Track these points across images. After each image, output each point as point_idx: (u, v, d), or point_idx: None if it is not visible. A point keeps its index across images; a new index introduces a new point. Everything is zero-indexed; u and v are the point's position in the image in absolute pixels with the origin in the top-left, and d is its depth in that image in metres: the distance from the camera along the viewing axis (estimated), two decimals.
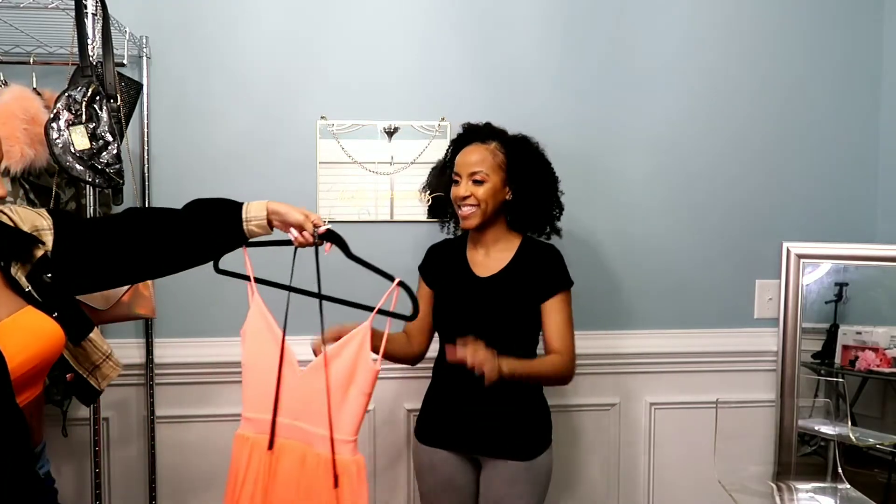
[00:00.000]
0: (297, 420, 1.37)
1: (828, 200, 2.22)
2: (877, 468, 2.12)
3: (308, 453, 1.36)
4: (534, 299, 1.65)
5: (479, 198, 1.62)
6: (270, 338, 1.37)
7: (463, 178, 1.64)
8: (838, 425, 2.12)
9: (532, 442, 1.65)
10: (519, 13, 2.09)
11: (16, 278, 1.15)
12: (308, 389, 1.36)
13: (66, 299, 1.24)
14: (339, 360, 1.35)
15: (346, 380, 1.34)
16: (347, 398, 1.34)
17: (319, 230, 1.30)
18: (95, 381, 1.38)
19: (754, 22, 2.17)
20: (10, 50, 1.86)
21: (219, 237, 1.30)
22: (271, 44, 2.02)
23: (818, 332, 2.18)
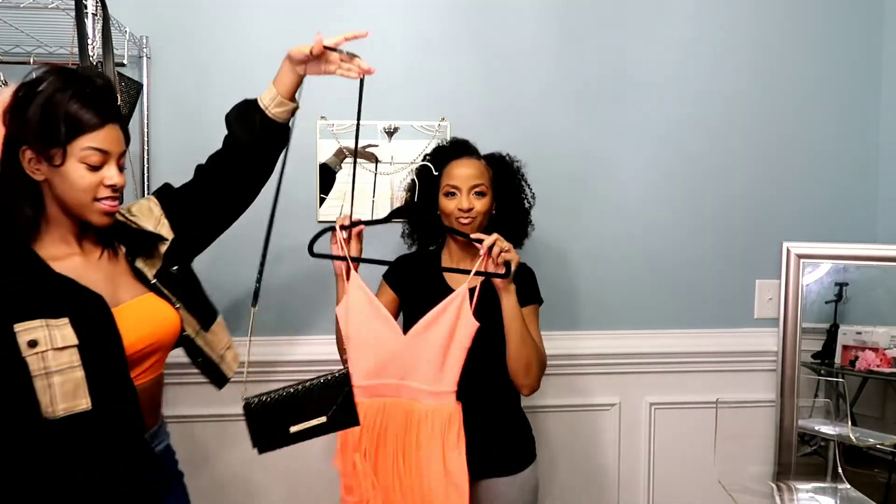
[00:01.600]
0: (403, 380, 1.54)
1: (828, 200, 2.22)
2: (877, 468, 2.12)
3: (415, 408, 1.52)
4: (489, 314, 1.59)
5: (478, 211, 1.62)
6: (371, 310, 1.54)
7: (463, 190, 1.62)
8: (838, 425, 2.12)
9: (516, 456, 1.64)
10: (519, 14, 2.09)
11: (141, 270, 1.29)
12: (412, 352, 1.53)
13: (192, 288, 1.38)
14: (440, 323, 1.52)
15: (447, 338, 1.51)
16: (449, 354, 1.51)
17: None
18: (226, 367, 1.45)
19: (754, 22, 2.17)
20: (10, 50, 1.86)
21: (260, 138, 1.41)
22: (271, 43, 2.00)
23: (818, 332, 2.18)
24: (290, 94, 1.41)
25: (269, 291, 1.99)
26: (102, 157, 1.15)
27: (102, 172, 1.15)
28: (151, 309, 1.27)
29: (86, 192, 1.15)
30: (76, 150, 1.12)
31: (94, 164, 1.14)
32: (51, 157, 1.12)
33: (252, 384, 1.45)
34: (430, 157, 1.75)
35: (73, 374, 1.10)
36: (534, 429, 1.74)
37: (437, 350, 1.51)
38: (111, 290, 1.21)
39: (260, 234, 1.40)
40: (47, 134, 1.11)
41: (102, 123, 1.14)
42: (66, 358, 1.10)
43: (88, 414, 1.11)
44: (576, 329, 2.15)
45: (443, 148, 1.75)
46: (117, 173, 1.17)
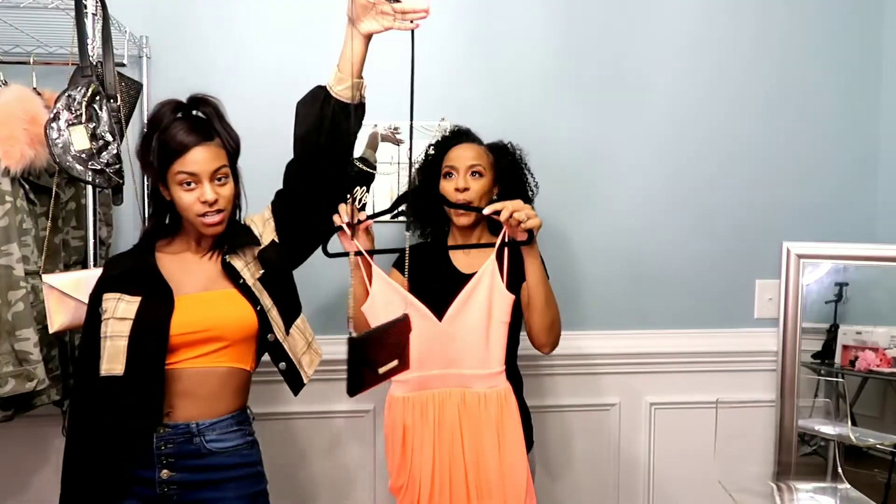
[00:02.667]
0: (449, 368, 1.48)
1: (828, 200, 2.22)
2: (877, 468, 2.12)
3: (466, 394, 1.48)
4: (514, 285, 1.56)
5: (475, 191, 1.63)
6: (401, 300, 1.46)
7: (460, 171, 1.64)
8: (838, 425, 2.12)
9: None
10: (519, 13, 2.09)
11: (235, 269, 1.42)
12: (452, 336, 1.47)
13: (285, 293, 1.49)
14: (476, 298, 1.47)
15: (485, 315, 1.46)
16: (491, 331, 1.47)
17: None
18: (304, 373, 1.50)
19: (754, 23, 2.17)
20: (10, 50, 1.86)
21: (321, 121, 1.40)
22: (271, 44, 2.02)
23: (818, 332, 2.18)
24: (358, 69, 1.38)
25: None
26: (192, 178, 1.33)
27: (196, 191, 1.34)
28: (218, 302, 1.39)
29: (188, 209, 1.36)
30: (172, 177, 1.34)
31: (188, 184, 1.34)
32: (163, 183, 1.37)
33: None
34: (433, 146, 1.77)
35: (119, 342, 1.31)
36: (534, 429, 1.74)
37: (477, 330, 1.47)
38: (200, 283, 1.40)
39: None
40: (151, 166, 1.36)
41: (189, 147, 1.32)
42: (119, 327, 1.32)
43: (120, 379, 1.30)
44: (576, 329, 2.15)
45: (445, 136, 1.77)
46: (210, 189, 1.34)
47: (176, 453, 1.35)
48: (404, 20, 1.31)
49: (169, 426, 1.35)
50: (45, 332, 1.61)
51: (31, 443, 2.00)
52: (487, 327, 1.47)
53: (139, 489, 1.35)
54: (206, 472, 1.38)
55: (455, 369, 1.49)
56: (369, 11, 1.31)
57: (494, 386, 1.49)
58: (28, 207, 1.66)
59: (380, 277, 1.51)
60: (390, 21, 1.31)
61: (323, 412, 2.06)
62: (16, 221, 1.61)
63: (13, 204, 1.61)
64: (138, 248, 1.46)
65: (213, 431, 1.38)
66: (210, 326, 1.36)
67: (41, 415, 1.86)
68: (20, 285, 1.61)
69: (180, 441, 1.36)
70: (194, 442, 1.36)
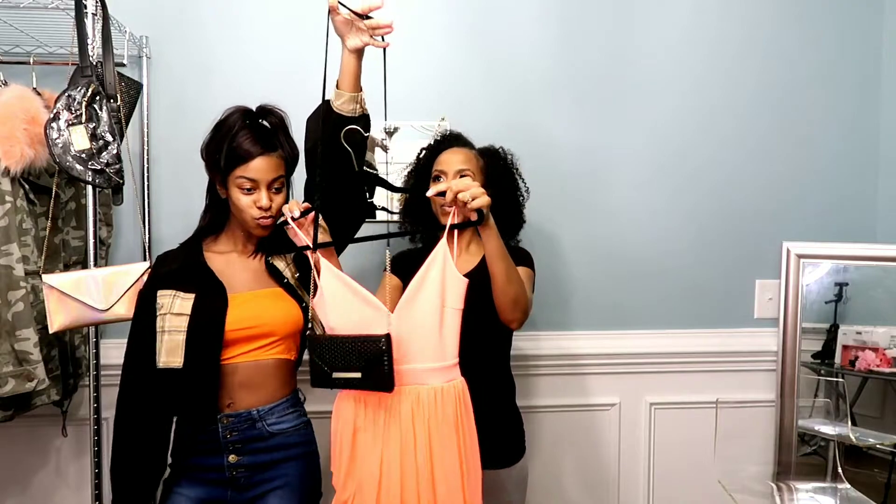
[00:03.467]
0: (402, 364, 1.37)
1: (828, 200, 2.22)
2: (877, 468, 2.12)
3: (421, 391, 1.38)
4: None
5: None
6: (350, 294, 1.41)
7: (448, 175, 1.63)
8: (838, 425, 2.12)
9: (509, 449, 1.65)
10: (519, 13, 2.09)
11: (278, 269, 1.54)
12: (404, 329, 1.38)
13: None
14: (428, 285, 1.38)
15: (438, 303, 1.38)
16: (444, 320, 1.39)
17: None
18: None
19: (754, 22, 2.17)
20: (10, 50, 1.86)
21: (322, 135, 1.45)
22: (271, 43, 2.02)
23: (818, 332, 2.18)
24: (353, 82, 1.45)
25: None
26: (252, 184, 1.45)
27: (254, 196, 1.45)
28: (267, 300, 1.51)
29: (243, 210, 1.46)
30: (233, 179, 1.45)
31: (247, 189, 1.45)
32: (222, 183, 1.48)
33: None
34: (425, 150, 1.77)
35: (177, 336, 1.42)
36: (534, 428, 1.75)
37: (430, 318, 1.38)
38: (248, 282, 1.52)
39: None
40: (216, 167, 1.46)
41: (253, 156, 1.43)
42: (177, 322, 1.43)
43: (179, 371, 1.41)
44: (576, 329, 2.15)
45: (437, 140, 1.77)
46: (266, 196, 1.45)
47: (241, 439, 1.47)
48: (375, 34, 1.40)
49: (232, 415, 1.47)
50: (45, 332, 1.61)
51: (31, 443, 2.01)
52: (441, 315, 1.38)
53: (210, 475, 1.48)
54: (271, 453, 1.50)
55: (408, 364, 1.38)
56: (350, 28, 1.41)
57: (451, 380, 1.40)
58: (28, 207, 1.67)
59: (328, 271, 1.43)
60: (367, 37, 1.41)
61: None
62: (16, 221, 1.61)
63: (13, 204, 1.61)
64: (187, 245, 1.56)
65: (272, 415, 1.50)
66: (263, 323, 1.48)
67: (41, 415, 1.86)
68: (20, 285, 1.61)
69: (244, 427, 1.48)
70: (257, 427, 1.48)
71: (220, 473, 1.48)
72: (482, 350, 1.60)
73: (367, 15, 1.38)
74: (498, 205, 1.67)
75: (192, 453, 1.49)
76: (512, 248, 1.70)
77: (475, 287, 1.58)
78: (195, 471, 1.50)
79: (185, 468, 1.51)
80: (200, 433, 1.48)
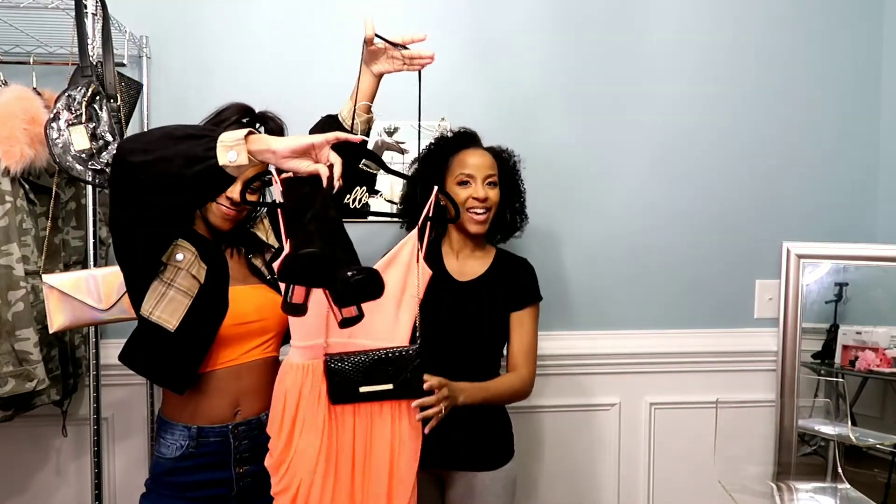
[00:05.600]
0: (353, 337, 1.39)
1: (828, 200, 2.22)
2: (877, 468, 2.12)
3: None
4: (506, 307, 1.65)
5: (493, 201, 1.63)
6: None
7: (478, 179, 1.62)
8: (838, 425, 2.12)
9: (496, 452, 1.64)
10: (519, 13, 2.09)
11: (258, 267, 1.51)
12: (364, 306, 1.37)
13: None
14: (393, 269, 1.45)
15: (400, 288, 1.44)
16: (402, 305, 1.44)
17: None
18: None
19: (754, 22, 2.17)
20: (10, 50, 1.86)
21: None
22: (271, 43, 2.02)
23: (818, 332, 2.18)
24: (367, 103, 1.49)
25: None
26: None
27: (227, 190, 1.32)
28: (260, 295, 1.46)
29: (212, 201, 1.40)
30: None
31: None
32: None
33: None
34: (438, 145, 1.73)
35: (183, 298, 1.34)
36: (534, 429, 1.75)
37: (389, 302, 1.43)
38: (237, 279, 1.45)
39: None
40: None
41: None
42: (188, 283, 1.34)
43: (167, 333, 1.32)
44: (576, 329, 2.15)
45: (449, 138, 1.73)
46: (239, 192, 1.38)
47: (251, 447, 1.43)
48: (412, 65, 1.46)
49: (242, 424, 1.42)
50: (45, 332, 1.61)
51: (31, 443, 2.01)
52: (400, 300, 1.45)
53: (213, 491, 1.41)
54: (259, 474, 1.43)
55: (360, 339, 1.40)
56: (380, 56, 1.44)
57: None
58: (28, 207, 1.67)
59: None
60: (399, 64, 1.46)
61: None
62: (16, 221, 1.61)
63: (13, 204, 1.61)
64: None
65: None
66: (261, 317, 1.45)
67: (41, 415, 1.86)
68: (20, 285, 1.61)
69: (254, 434, 1.44)
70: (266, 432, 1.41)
71: (225, 488, 1.42)
72: (472, 356, 1.63)
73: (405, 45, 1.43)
74: (505, 207, 1.72)
75: (194, 470, 1.39)
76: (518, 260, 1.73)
77: (474, 295, 1.63)
78: (193, 489, 1.39)
79: (177, 488, 1.39)
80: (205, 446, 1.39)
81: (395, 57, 1.45)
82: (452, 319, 1.62)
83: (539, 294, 1.70)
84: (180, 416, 1.41)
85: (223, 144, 1.07)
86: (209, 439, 1.40)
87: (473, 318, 1.63)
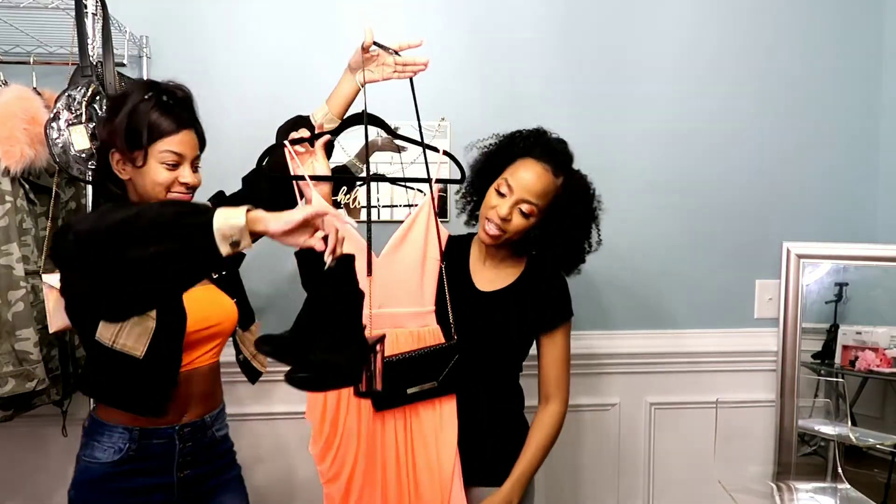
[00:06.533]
0: (382, 307, 1.42)
1: (828, 200, 2.22)
2: (877, 468, 2.12)
3: (399, 335, 1.44)
4: (533, 327, 1.55)
5: (513, 228, 1.45)
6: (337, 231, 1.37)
7: (514, 196, 1.42)
8: (838, 425, 2.12)
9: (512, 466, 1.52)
10: (519, 13, 2.09)
11: None
12: (388, 274, 1.43)
13: (239, 290, 1.50)
14: (413, 235, 1.46)
15: (422, 252, 1.46)
16: (426, 268, 1.46)
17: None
18: (258, 364, 1.63)
19: (754, 22, 2.17)
20: (10, 50, 1.86)
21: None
22: (271, 44, 2.02)
23: (818, 332, 2.18)
24: (344, 110, 1.49)
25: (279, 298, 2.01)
26: (177, 158, 1.30)
27: (178, 172, 1.31)
28: (213, 297, 1.41)
29: (162, 186, 1.30)
30: (155, 153, 1.29)
31: (171, 164, 1.30)
32: (134, 158, 1.29)
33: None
34: (507, 140, 1.54)
35: (146, 322, 1.26)
36: None
37: (413, 267, 1.46)
38: None
39: None
40: (132, 139, 1.28)
41: (178, 129, 1.30)
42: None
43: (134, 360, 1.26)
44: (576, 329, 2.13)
45: (526, 135, 1.53)
46: (190, 173, 1.33)
47: (193, 450, 1.39)
48: (405, 72, 1.46)
49: (188, 426, 1.38)
50: (45, 332, 1.61)
51: (31, 443, 2.01)
52: (423, 264, 1.46)
53: (157, 497, 1.35)
54: (216, 461, 1.45)
55: (389, 308, 1.44)
56: (371, 62, 1.43)
57: (426, 325, 1.47)
58: (28, 207, 1.67)
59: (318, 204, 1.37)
60: (390, 72, 1.46)
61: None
62: (16, 221, 1.61)
63: (13, 204, 1.61)
64: None
65: (218, 420, 1.46)
66: (217, 321, 1.40)
67: (41, 415, 1.86)
68: (20, 285, 1.61)
69: (198, 437, 1.40)
70: (208, 434, 1.42)
71: (165, 494, 1.35)
72: (493, 366, 1.54)
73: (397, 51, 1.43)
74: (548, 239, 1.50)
75: (133, 475, 1.32)
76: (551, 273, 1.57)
77: (496, 308, 1.53)
78: (132, 496, 1.32)
79: (112, 495, 1.32)
80: (147, 449, 1.32)
81: (387, 64, 1.45)
82: (469, 331, 1.50)
83: (570, 310, 1.58)
84: (120, 418, 1.32)
85: (221, 234, 0.99)
86: (152, 441, 1.33)
87: (492, 332, 1.52)
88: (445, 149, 1.51)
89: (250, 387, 1.79)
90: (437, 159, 1.51)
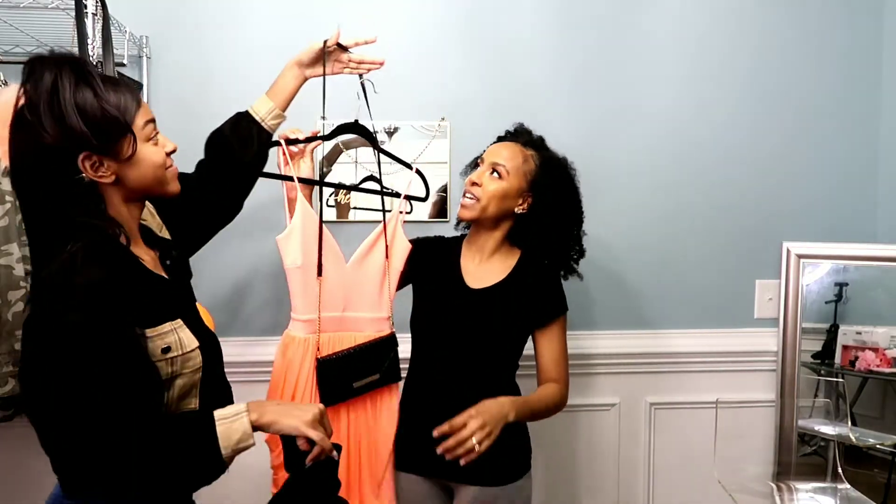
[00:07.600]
0: (346, 311, 1.53)
1: (828, 200, 2.22)
2: (877, 468, 2.12)
3: (357, 338, 1.53)
4: (527, 323, 1.54)
5: (485, 190, 1.46)
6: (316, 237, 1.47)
7: (484, 164, 1.51)
8: (838, 425, 2.12)
9: (507, 466, 1.51)
10: (518, 13, 2.09)
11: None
12: (354, 281, 1.53)
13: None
14: (378, 248, 1.54)
15: (383, 262, 1.55)
16: (386, 277, 1.55)
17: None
18: None
19: (754, 21, 2.17)
20: (10, 50, 1.86)
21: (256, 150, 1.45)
22: (271, 44, 2.02)
23: (818, 332, 2.18)
24: (288, 103, 1.49)
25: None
26: (154, 126, 1.12)
27: (160, 142, 1.13)
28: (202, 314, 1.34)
29: (162, 166, 1.12)
30: (140, 131, 1.08)
31: (153, 135, 1.11)
32: (119, 151, 1.05)
33: None
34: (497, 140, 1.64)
35: (193, 376, 1.12)
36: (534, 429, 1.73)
37: (376, 275, 1.54)
38: None
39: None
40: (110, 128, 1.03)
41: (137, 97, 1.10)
42: (192, 361, 1.11)
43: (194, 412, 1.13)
44: (575, 329, 2.15)
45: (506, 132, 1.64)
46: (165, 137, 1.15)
47: None
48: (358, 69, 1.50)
49: None
50: None
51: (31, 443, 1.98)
52: (384, 274, 1.55)
53: None
54: None
55: (351, 312, 1.54)
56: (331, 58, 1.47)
57: (381, 331, 1.56)
58: None
59: (304, 212, 1.46)
60: (341, 67, 1.50)
61: None
62: (16, 221, 1.61)
63: (13, 204, 1.61)
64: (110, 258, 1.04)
65: None
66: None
67: None
68: (20, 285, 1.61)
69: None
70: None
71: None
72: (486, 364, 1.53)
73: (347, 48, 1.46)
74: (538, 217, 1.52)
75: None
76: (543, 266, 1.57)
77: (486, 305, 1.53)
78: None
79: None
80: None
81: (341, 60, 1.50)
82: (460, 329, 1.52)
83: (565, 304, 1.57)
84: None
85: (228, 445, 1.00)
86: None
87: (482, 329, 1.51)
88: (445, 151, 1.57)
89: None
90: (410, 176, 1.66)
